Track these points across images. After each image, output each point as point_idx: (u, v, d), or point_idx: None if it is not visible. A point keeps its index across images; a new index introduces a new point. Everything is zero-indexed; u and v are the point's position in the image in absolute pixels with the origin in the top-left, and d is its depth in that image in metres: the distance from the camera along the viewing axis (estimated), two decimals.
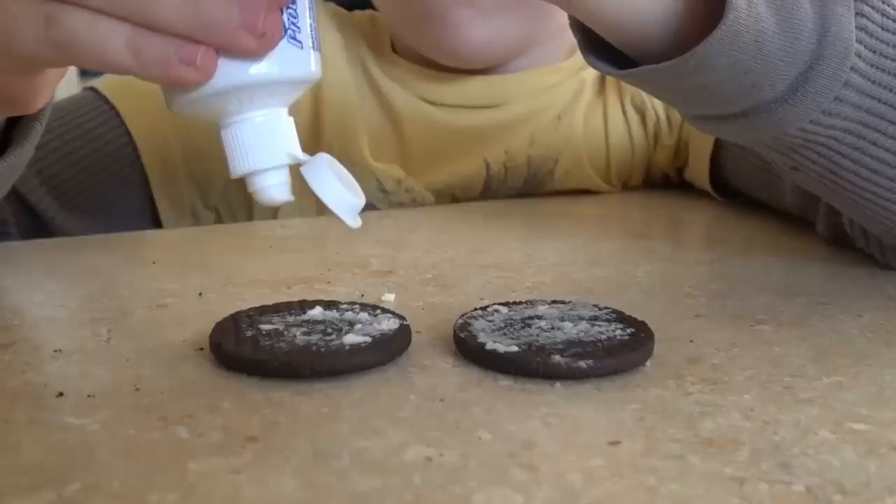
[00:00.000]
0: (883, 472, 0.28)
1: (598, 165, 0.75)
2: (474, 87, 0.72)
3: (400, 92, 0.72)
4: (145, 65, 0.31)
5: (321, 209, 0.71)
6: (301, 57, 0.33)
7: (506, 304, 0.41)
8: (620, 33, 0.38)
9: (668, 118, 0.74)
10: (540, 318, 0.39)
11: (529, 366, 0.34)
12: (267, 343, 0.35)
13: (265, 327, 0.37)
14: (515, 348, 0.35)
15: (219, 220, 0.73)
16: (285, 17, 0.32)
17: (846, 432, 0.31)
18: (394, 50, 0.74)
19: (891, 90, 0.39)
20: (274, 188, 0.34)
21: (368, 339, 0.35)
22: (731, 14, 0.35)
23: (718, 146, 0.67)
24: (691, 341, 0.39)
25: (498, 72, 0.72)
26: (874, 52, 0.39)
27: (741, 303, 0.45)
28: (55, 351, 0.37)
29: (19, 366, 0.36)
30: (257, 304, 0.40)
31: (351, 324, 0.37)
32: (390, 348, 0.36)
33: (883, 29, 0.39)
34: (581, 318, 0.39)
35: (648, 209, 0.71)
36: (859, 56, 0.38)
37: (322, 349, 0.35)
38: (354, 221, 0.34)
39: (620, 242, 0.61)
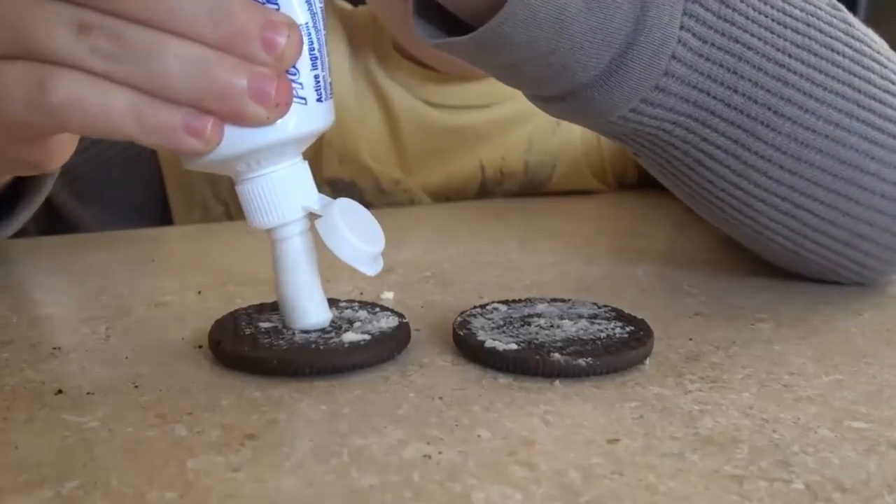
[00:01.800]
0: (882, 470, 0.28)
1: (595, 166, 0.75)
2: (471, 88, 0.72)
3: (399, 92, 0.72)
4: (149, 134, 0.29)
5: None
6: (307, 113, 0.32)
7: (505, 302, 0.41)
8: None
9: None
10: (539, 316, 0.39)
11: (528, 364, 0.34)
12: (266, 341, 0.35)
13: (264, 325, 0.37)
14: (514, 346, 0.35)
15: (227, 213, 0.74)
16: None
17: (845, 430, 0.31)
18: (394, 48, 0.74)
19: (721, 83, 0.37)
20: (293, 239, 0.34)
21: (367, 337, 0.35)
22: None
23: None
24: (690, 339, 0.39)
25: None
26: (703, 41, 0.37)
27: (741, 301, 0.45)
28: (54, 349, 0.37)
29: (18, 363, 0.36)
30: (256, 303, 0.40)
31: (350, 322, 0.37)
32: (389, 346, 0.36)
33: (719, 17, 0.37)
34: (580, 316, 0.39)
35: (648, 208, 0.71)
36: (684, 44, 0.36)
37: (321, 347, 0.35)
38: (372, 270, 0.34)
39: (620, 241, 0.61)
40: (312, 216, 0.34)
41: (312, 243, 0.35)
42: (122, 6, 0.29)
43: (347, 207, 0.34)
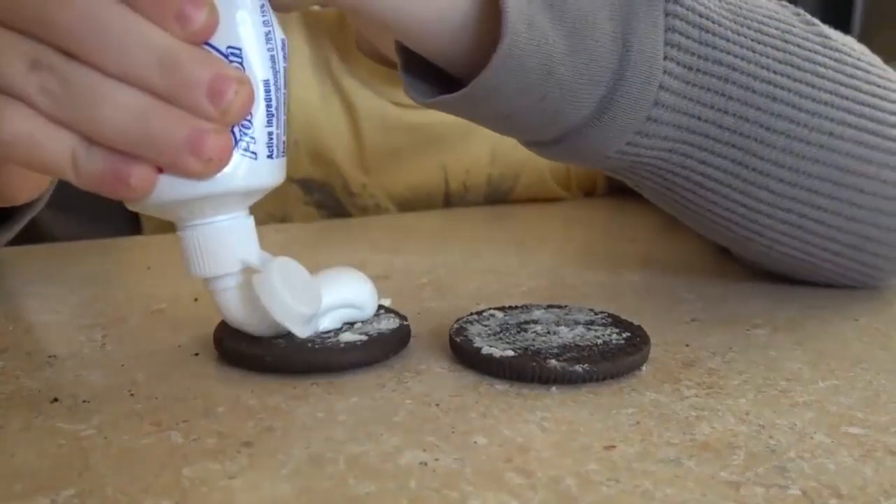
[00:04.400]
0: (878, 476, 0.28)
1: (559, 176, 0.75)
2: None
3: (361, 90, 0.72)
4: (83, 177, 0.29)
5: (311, 217, 0.71)
6: (254, 168, 0.31)
7: (501, 308, 0.41)
8: (423, 49, 0.36)
9: None
10: (536, 322, 0.39)
11: (525, 370, 0.34)
12: (265, 339, 0.36)
13: None
14: (511, 353, 0.35)
15: None
16: (237, 129, 0.30)
17: (842, 436, 0.31)
18: (359, 48, 0.74)
19: (711, 107, 0.38)
20: (227, 291, 0.34)
21: (364, 337, 0.36)
22: (508, 39, 0.33)
23: None
24: (687, 345, 0.39)
25: None
26: (688, 68, 0.37)
27: (737, 306, 0.45)
28: (49, 356, 0.37)
29: (13, 371, 0.35)
30: None
31: (351, 323, 0.38)
32: (385, 346, 0.36)
33: (700, 43, 0.37)
34: (577, 323, 0.39)
35: (644, 213, 0.71)
36: (669, 73, 0.37)
37: (317, 346, 0.35)
38: (302, 331, 0.34)
39: (616, 246, 0.61)
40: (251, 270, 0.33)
41: (248, 295, 0.34)
42: (73, 46, 0.28)
43: (287, 266, 0.34)
